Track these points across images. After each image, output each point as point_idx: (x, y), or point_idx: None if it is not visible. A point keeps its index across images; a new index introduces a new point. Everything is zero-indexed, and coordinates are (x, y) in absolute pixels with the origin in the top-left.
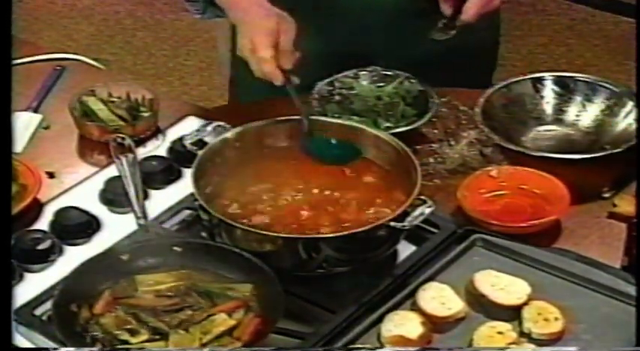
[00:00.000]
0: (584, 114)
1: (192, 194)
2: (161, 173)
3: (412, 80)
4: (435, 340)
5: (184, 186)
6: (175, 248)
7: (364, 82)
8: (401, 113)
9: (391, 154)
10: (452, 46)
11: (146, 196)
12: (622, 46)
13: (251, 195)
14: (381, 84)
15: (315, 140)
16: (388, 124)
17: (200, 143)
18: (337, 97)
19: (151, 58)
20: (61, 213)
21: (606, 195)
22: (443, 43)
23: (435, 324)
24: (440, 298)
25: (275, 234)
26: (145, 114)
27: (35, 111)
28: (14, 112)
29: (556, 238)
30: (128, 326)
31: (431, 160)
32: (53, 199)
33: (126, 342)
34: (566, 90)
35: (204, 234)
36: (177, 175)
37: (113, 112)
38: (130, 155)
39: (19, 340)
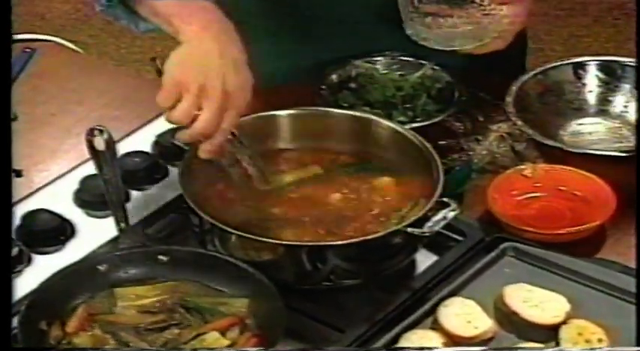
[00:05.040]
0: (633, 105)
1: (180, 195)
2: (145, 171)
3: (438, 69)
4: None
5: (171, 186)
6: (160, 257)
7: (384, 70)
8: (421, 107)
9: (410, 151)
10: None
11: (127, 198)
12: None
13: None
14: (403, 72)
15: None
16: (402, 119)
17: None
18: (353, 85)
19: (136, 41)
20: (29, 216)
21: None
22: None
23: (459, 345)
24: (465, 315)
25: (275, 241)
26: None
27: None
28: None
29: (599, 247)
30: (106, 346)
31: (455, 157)
32: (21, 200)
33: None
34: (612, 77)
35: (193, 241)
36: (164, 174)
37: None
38: (109, 150)
39: None
